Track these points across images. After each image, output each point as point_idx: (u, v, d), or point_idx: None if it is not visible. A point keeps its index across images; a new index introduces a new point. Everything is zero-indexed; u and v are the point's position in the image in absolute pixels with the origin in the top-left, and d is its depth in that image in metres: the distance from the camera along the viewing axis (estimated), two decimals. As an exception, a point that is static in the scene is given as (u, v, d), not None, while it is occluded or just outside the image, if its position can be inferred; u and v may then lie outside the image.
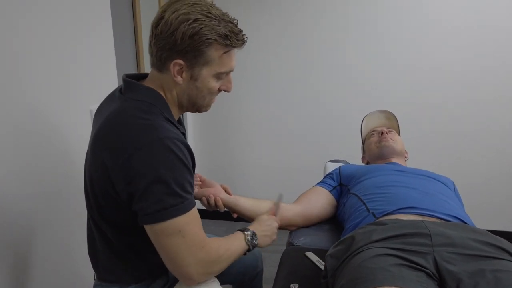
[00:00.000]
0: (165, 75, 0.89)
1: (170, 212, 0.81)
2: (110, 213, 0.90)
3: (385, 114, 1.73)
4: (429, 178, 1.31)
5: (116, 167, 0.82)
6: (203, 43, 0.83)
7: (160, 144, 0.80)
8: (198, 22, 0.82)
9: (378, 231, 0.99)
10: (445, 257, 0.89)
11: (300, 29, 2.55)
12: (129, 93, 0.89)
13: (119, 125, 0.84)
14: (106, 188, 0.85)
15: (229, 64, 0.90)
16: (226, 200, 1.27)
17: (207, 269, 0.89)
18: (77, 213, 1.39)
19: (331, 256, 1.03)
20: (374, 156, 1.59)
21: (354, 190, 1.35)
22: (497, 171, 2.51)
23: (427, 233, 0.94)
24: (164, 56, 0.86)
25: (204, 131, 2.86)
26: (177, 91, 0.91)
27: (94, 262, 1.01)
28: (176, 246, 0.83)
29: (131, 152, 0.80)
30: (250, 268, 1.36)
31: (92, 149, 0.89)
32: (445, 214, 1.08)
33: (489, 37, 2.33)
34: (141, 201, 0.81)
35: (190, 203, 0.84)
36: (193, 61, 0.86)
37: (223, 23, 0.85)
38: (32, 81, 1.19)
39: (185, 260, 0.84)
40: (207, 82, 0.90)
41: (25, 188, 1.17)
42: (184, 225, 0.83)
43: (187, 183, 0.84)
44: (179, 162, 0.82)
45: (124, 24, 1.86)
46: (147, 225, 0.83)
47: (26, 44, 1.15)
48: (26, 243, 1.20)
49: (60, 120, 1.32)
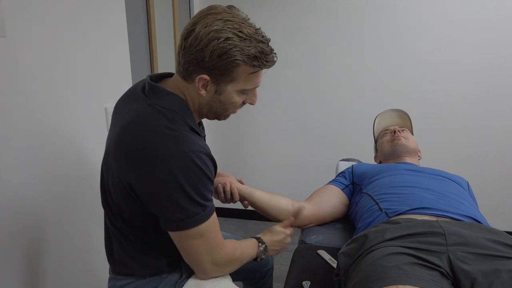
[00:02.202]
0: (190, 85, 0.90)
1: (193, 221, 0.85)
2: (130, 215, 0.93)
3: (398, 113, 1.72)
4: (443, 178, 1.30)
5: (139, 175, 0.84)
6: (231, 63, 0.83)
7: (186, 157, 0.82)
8: (228, 41, 0.81)
9: (392, 230, 0.98)
10: (459, 256, 0.88)
11: (314, 25, 2.53)
12: (152, 97, 0.89)
13: (143, 132, 0.84)
14: (127, 190, 0.87)
15: (255, 81, 0.91)
16: (242, 190, 1.27)
17: (221, 267, 0.96)
18: (93, 209, 1.42)
19: (343, 254, 1.03)
20: (386, 155, 1.58)
21: (366, 189, 1.34)
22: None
23: (442, 232, 0.94)
24: (191, 69, 0.86)
25: (216, 128, 2.87)
26: (200, 101, 0.92)
27: (110, 255, 1.03)
28: (197, 247, 0.89)
29: (155, 163, 0.81)
30: (260, 265, 1.37)
31: (114, 153, 0.89)
32: (459, 215, 1.07)
33: (507, 33, 2.29)
34: (164, 210, 0.85)
35: (211, 209, 0.89)
36: (219, 78, 0.86)
37: (254, 43, 0.84)
38: (47, 80, 1.20)
39: (204, 259, 0.91)
40: (231, 97, 0.91)
41: (42, 186, 1.19)
42: (205, 230, 0.88)
43: (208, 192, 0.87)
44: (202, 174, 0.84)
45: (138, 22, 1.88)
46: (171, 232, 0.88)
47: (41, 44, 1.17)
48: (42, 238, 1.22)
49: (75, 119, 1.33)
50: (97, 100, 1.44)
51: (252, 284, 1.41)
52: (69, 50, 1.29)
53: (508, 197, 2.51)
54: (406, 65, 2.46)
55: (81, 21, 1.35)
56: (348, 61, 2.54)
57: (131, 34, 1.75)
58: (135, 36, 1.83)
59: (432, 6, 2.34)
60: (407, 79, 2.48)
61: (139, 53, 1.89)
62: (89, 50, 1.40)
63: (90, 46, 1.40)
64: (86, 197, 1.39)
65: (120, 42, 1.59)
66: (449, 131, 2.50)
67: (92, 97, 1.42)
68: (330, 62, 2.57)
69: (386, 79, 2.51)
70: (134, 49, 1.79)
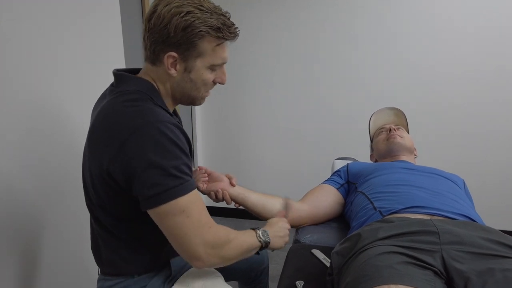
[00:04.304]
0: (159, 68, 0.90)
1: (171, 193, 0.81)
2: (111, 206, 0.91)
3: (394, 111, 1.71)
4: (438, 176, 1.29)
5: (111, 157, 0.82)
6: (196, 35, 0.84)
7: (152, 128, 0.80)
8: (190, 15, 0.83)
9: (385, 229, 0.97)
10: (453, 255, 0.87)
11: (308, 26, 2.53)
12: (119, 86, 0.91)
13: (109, 116, 0.85)
14: (105, 179, 0.86)
15: (222, 55, 0.91)
16: (235, 195, 1.26)
17: (217, 251, 0.87)
18: (85, 209, 1.40)
19: (337, 254, 1.02)
20: (382, 154, 1.56)
21: (361, 188, 1.33)
22: (511, 171, 2.46)
23: (435, 231, 0.92)
24: (157, 49, 0.87)
25: (211, 130, 2.86)
26: (171, 83, 0.92)
27: (97, 257, 1.02)
28: (182, 226, 0.83)
29: (123, 140, 0.80)
30: (256, 264, 1.35)
31: (88, 146, 0.91)
32: (453, 213, 1.05)
33: (506, 36, 2.27)
34: (140, 186, 0.81)
35: (190, 184, 0.84)
36: (186, 53, 0.86)
37: (215, 16, 0.86)
38: (40, 77, 1.19)
39: (193, 240, 0.83)
40: (201, 73, 0.90)
41: (33, 184, 1.18)
42: (187, 205, 0.82)
43: (183, 165, 0.83)
44: (172, 144, 0.81)
45: (132, 20, 1.86)
46: (150, 210, 0.83)
47: (33, 41, 1.16)
48: (34, 238, 1.21)
49: (67, 116, 1.32)
50: (89, 96, 1.43)
51: (247, 284, 1.39)
52: (61, 46, 1.28)
53: (508, 198, 2.50)
54: (402, 65, 2.45)
55: (74, 17, 1.33)
56: (344, 60, 2.53)
57: (126, 30, 1.73)
58: (130, 33, 1.82)
59: (432, 5, 2.33)
60: (403, 79, 2.47)
61: (134, 50, 1.88)
62: (81, 47, 1.38)
63: (82, 43, 1.38)
64: (79, 192, 1.37)
65: (114, 40, 1.58)
66: (445, 131, 2.49)
67: (83, 94, 1.40)
68: (326, 62, 2.57)
69: (382, 78, 2.50)
70: (128, 46, 1.77)
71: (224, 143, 2.89)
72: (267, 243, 1.02)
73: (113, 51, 1.58)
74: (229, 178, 1.29)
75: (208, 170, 1.30)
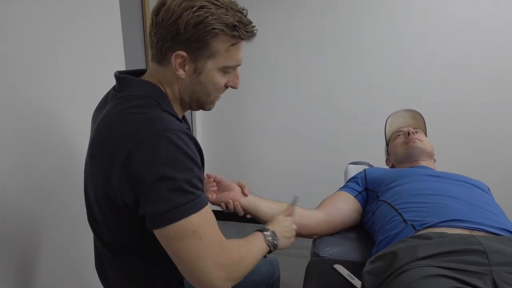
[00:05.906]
0: (166, 68, 0.80)
1: (181, 211, 0.70)
2: (117, 226, 0.81)
3: (411, 113, 1.63)
4: (467, 184, 1.20)
5: (116, 171, 0.72)
6: (209, 33, 0.75)
7: (160, 138, 0.70)
8: (203, 9, 0.73)
9: (424, 247, 0.88)
10: (505, 278, 0.78)
11: (317, 25, 2.44)
12: (122, 91, 0.80)
13: (111, 126, 0.75)
14: (110, 197, 0.76)
15: (237, 57, 0.81)
16: (246, 206, 1.17)
17: (229, 273, 0.77)
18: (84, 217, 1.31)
19: (369, 273, 0.93)
20: (400, 159, 1.48)
21: (384, 197, 1.24)
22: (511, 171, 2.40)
23: (482, 250, 0.83)
24: (165, 47, 0.77)
25: (211, 130, 2.76)
26: (179, 86, 0.82)
27: (103, 276, 0.92)
28: (192, 249, 0.72)
29: (128, 151, 0.70)
30: (266, 277, 1.27)
31: (90, 160, 0.80)
32: (495, 228, 0.97)
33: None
34: (148, 203, 0.71)
35: (202, 200, 0.74)
36: (197, 53, 0.77)
37: (232, 12, 0.76)
38: (39, 77, 1.12)
39: (205, 266, 0.73)
40: (212, 76, 0.81)
41: (27, 188, 1.10)
42: (199, 225, 0.72)
43: (195, 179, 0.73)
44: (183, 156, 0.71)
45: (132, 20, 1.76)
46: (158, 230, 0.72)
47: (33, 41, 1.09)
48: (32, 248, 1.14)
49: (65, 118, 1.25)
50: (88, 99, 1.33)
51: (257, 297, 1.30)
52: (60, 47, 1.21)
53: (508, 198, 2.43)
54: (415, 66, 2.38)
55: (73, 17, 1.26)
56: (357, 60, 2.45)
57: (126, 31, 1.64)
58: (130, 34, 1.72)
59: (440, 4, 2.26)
60: (417, 80, 2.39)
61: (134, 52, 1.78)
62: (80, 48, 1.31)
63: (81, 44, 1.31)
64: (79, 200, 1.28)
65: (113, 41, 1.52)
66: (460, 133, 2.41)
67: (82, 97, 1.31)
68: (337, 62, 2.48)
69: (396, 78, 2.42)
70: (128, 48, 1.68)
71: (225, 145, 2.79)
72: (275, 247, 0.93)
73: (113, 51, 1.52)
74: (241, 186, 1.20)
75: (217, 178, 1.20)
